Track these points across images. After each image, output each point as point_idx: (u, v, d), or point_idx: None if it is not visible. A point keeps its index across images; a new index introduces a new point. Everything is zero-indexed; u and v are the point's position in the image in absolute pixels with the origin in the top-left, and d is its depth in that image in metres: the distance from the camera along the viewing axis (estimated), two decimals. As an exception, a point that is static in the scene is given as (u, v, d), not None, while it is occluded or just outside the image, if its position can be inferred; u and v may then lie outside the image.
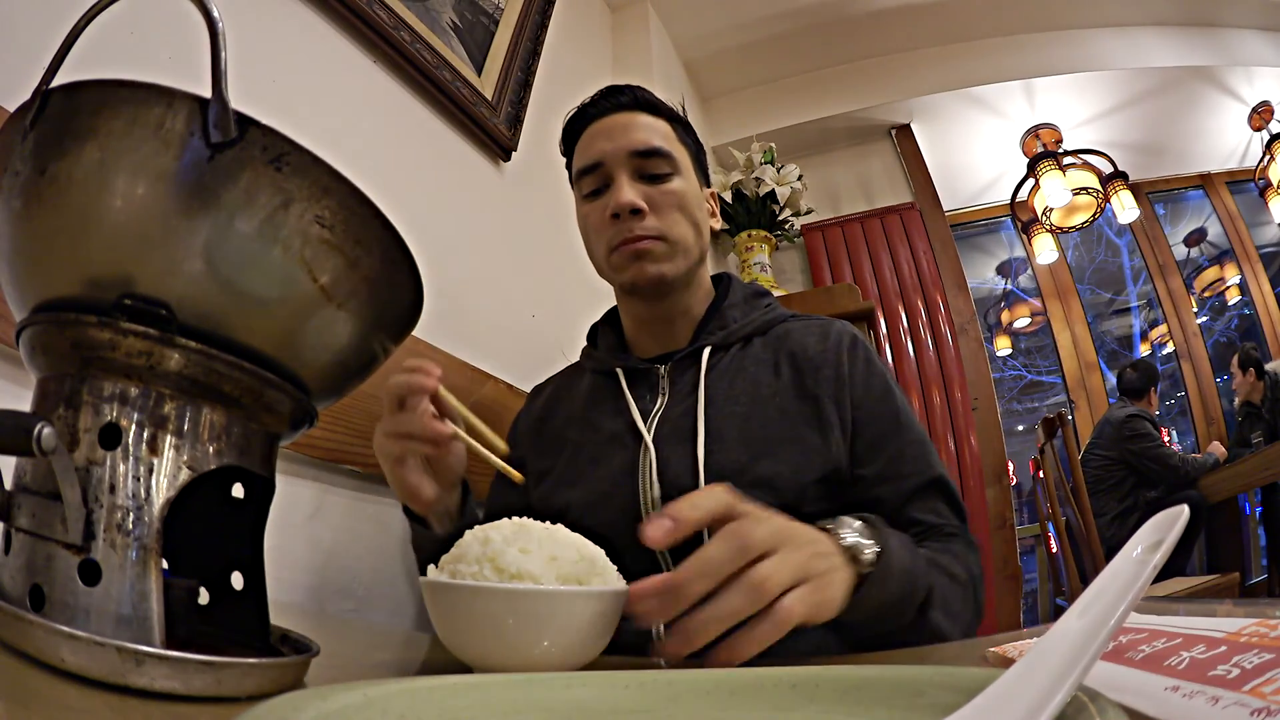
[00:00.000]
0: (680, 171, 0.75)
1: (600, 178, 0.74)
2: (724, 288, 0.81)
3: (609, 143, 0.74)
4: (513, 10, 1.45)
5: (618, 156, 0.73)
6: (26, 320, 0.32)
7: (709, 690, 0.28)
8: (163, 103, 0.29)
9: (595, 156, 0.74)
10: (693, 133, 0.81)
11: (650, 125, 0.75)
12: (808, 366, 0.70)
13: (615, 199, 0.71)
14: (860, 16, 2.48)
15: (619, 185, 0.72)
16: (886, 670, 0.27)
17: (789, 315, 0.78)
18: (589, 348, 0.85)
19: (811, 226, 2.56)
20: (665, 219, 0.72)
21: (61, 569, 0.28)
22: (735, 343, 0.75)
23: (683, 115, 0.81)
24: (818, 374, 0.70)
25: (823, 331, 0.74)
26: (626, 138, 0.73)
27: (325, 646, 0.37)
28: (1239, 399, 2.93)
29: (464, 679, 0.26)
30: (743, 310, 0.77)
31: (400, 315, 0.40)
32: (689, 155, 0.78)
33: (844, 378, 0.69)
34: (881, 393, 0.70)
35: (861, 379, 0.70)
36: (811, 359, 0.71)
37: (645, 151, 0.73)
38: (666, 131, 0.76)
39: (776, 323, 0.77)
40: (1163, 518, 0.23)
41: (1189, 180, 3.56)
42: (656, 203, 0.72)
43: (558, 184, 1.55)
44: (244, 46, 0.70)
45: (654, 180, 0.73)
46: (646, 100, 0.76)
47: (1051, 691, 0.18)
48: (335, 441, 0.82)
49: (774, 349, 0.74)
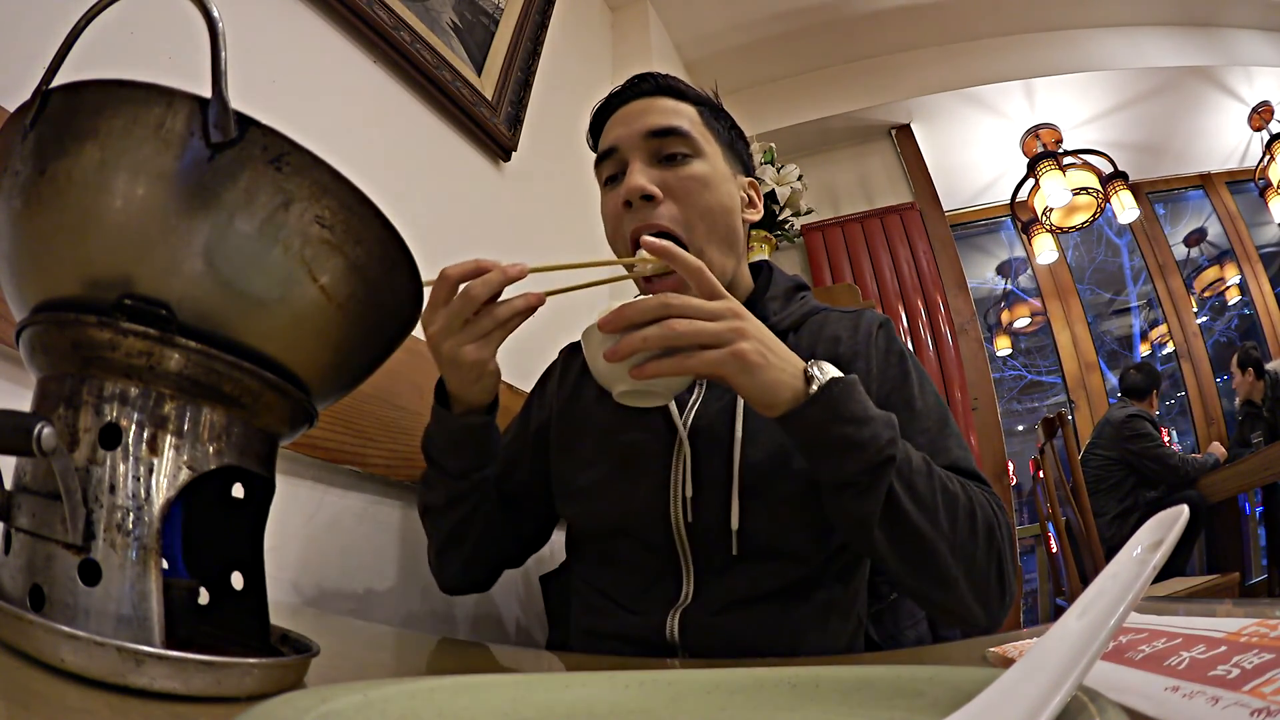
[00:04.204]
0: (703, 155, 0.71)
1: (615, 164, 0.72)
2: (764, 277, 0.78)
3: (624, 127, 0.72)
4: (513, 10, 1.45)
5: (632, 140, 0.71)
6: (26, 320, 0.32)
7: (709, 690, 0.28)
8: (163, 103, 0.29)
9: (610, 142, 0.72)
10: (728, 119, 0.78)
11: (671, 109, 0.72)
12: (841, 360, 0.68)
13: (626, 184, 0.68)
14: (860, 16, 2.48)
15: (631, 170, 0.69)
16: (886, 670, 0.27)
17: (822, 308, 0.76)
18: None
19: (811, 226, 2.56)
20: (683, 206, 0.69)
21: (61, 569, 0.28)
22: None
23: (715, 100, 0.78)
24: (850, 366, 0.67)
25: (854, 323, 0.72)
26: (641, 120, 0.71)
27: (325, 646, 0.37)
28: (1239, 399, 2.93)
29: (464, 679, 0.26)
30: (782, 303, 0.75)
31: (400, 315, 0.40)
32: (719, 141, 0.74)
33: (871, 368, 0.68)
34: (897, 379, 0.68)
35: (880, 366, 0.68)
36: (843, 353, 0.69)
37: (659, 131, 0.70)
38: (691, 115, 0.73)
39: (810, 315, 0.75)
40: (1163, 518, 0.23)
41: (1189, 180, 3.57)
42: (673, 188, 0.69)
43: (558, 184, 1.56)
44: (244, 46, 0.70)
45: (671, 162, 0.70)
46: (670, 85, 0.74)
47: (1051, 691, 0.18)
48: (335, 441, 0.82)
49: (810, 344, 0.71)
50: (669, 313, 0.50)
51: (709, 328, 0.50)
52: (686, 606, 0.64)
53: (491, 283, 0.56)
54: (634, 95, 0.74)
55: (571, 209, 1.49)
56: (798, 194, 2.11)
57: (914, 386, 0.67)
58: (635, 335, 0.50)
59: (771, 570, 0.64)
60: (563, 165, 1.48)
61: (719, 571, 0.64)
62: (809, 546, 0.64)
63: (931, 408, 0.66)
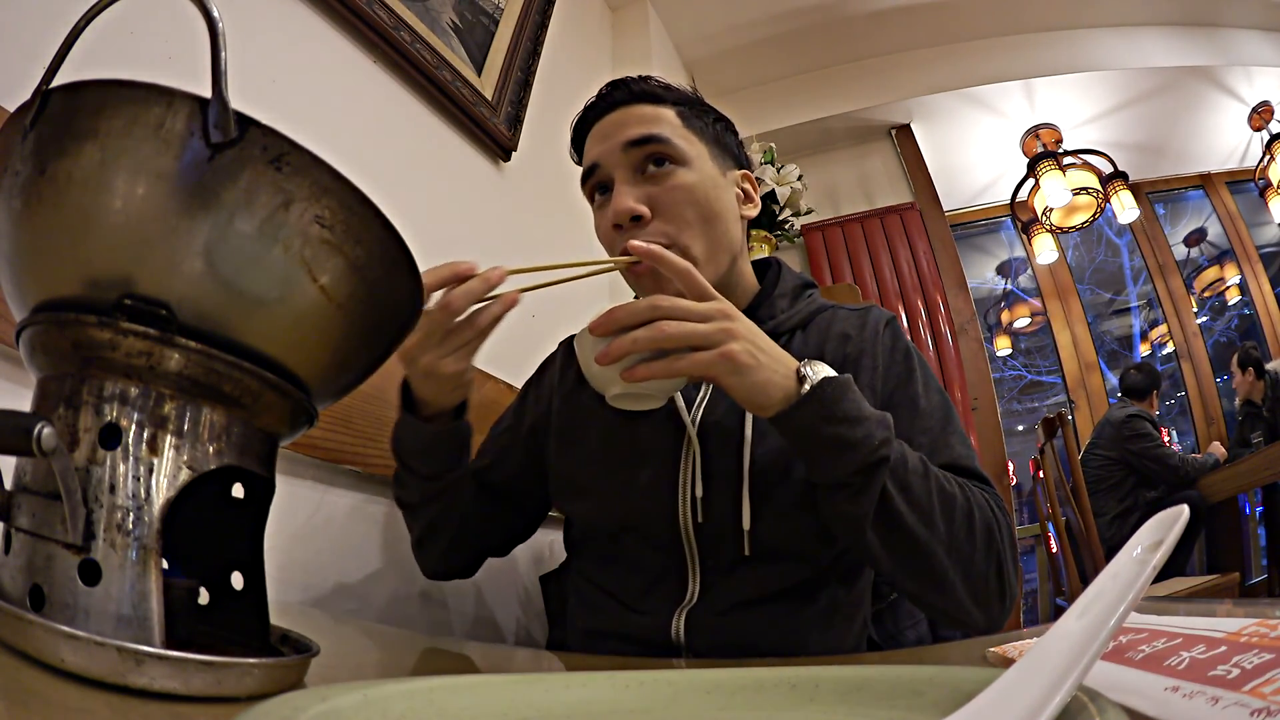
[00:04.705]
0: (687, 161, 0.68)
1: (601, 183, 0.70)
2: (773, 275, 0.77)
3: (603, 142, 0.69)
4: (513, 10, 1.45)
5: (612, 156, 0.68)
6: (26, 320, 0.32)
7: (709, 690, 0.28)
8: (163, 103, 0.29)
9: (591, 159, 0.70)
10: (712, 113, 0.75)
11: (650, 115, 0.69)
12: (848, 359, 0.68)
13: (613, 206, 0.66)
14: (860, 16, 2.49)
15: (617, 191, 0.67)
16: (886, 670, 0.27)
17: (829, 305, 0.75)
18: None
19: (811, 226, 2.56)
20: (674, 222, 0.66)
21: (61, 569, 0.28)
22: (782, 335, 0.71)
23: (694, 95, 0.75)
24: (857, 364, 0.67)
25: (861, 320, 0.72)
26: (620, 134, 0.68)
27: (325, 646, 0.37)
28: (1239, 399, 2.93)
29: (464, 679, 0.26)
30: (790, 301, 0.74)
31: (400, 315, 0.40)
32: (704, 139, 0.71)
33: (877, 365, 0.67)
34: (902, 376, 0.67)
35: (886, 363, 0.68)
36: (850, 351, 0.69)
37: (639, 140, 0.67)
38: (671, 119, 0.70)
39: (818, 313, 0.74)
40: (1163, 518, 0.23)
41: (1189, 180, 3.57)
42: (662, 204, 0.66)
43: (558, 184, 1.56)
44: (244, 46, 0.71)
45: (659, 167, 0.67)
46: (645, 90, 0.71)
47: (1051, 691, 0.18)
48: (335, 442, 0.82)
49: (817, 342, 0.71)
50: (659, 314, 0.51)
51: (698, 329, 0.51)
52: (692, 606, 0.63)
53: (473, 292, 0.53)
54: (608, 107, 0.71)
55: (571, 209, 1.49)
56: (798, 194, 2.11)
57: (918, 384, 0.67)
58: (625, 338, 0.50)
59: (779, 571, 0.63)
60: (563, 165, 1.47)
61: (726, 572, 0.64)
62: (816, 547, 0.63)
63: (935, 405, 0.66)
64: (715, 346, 0.50)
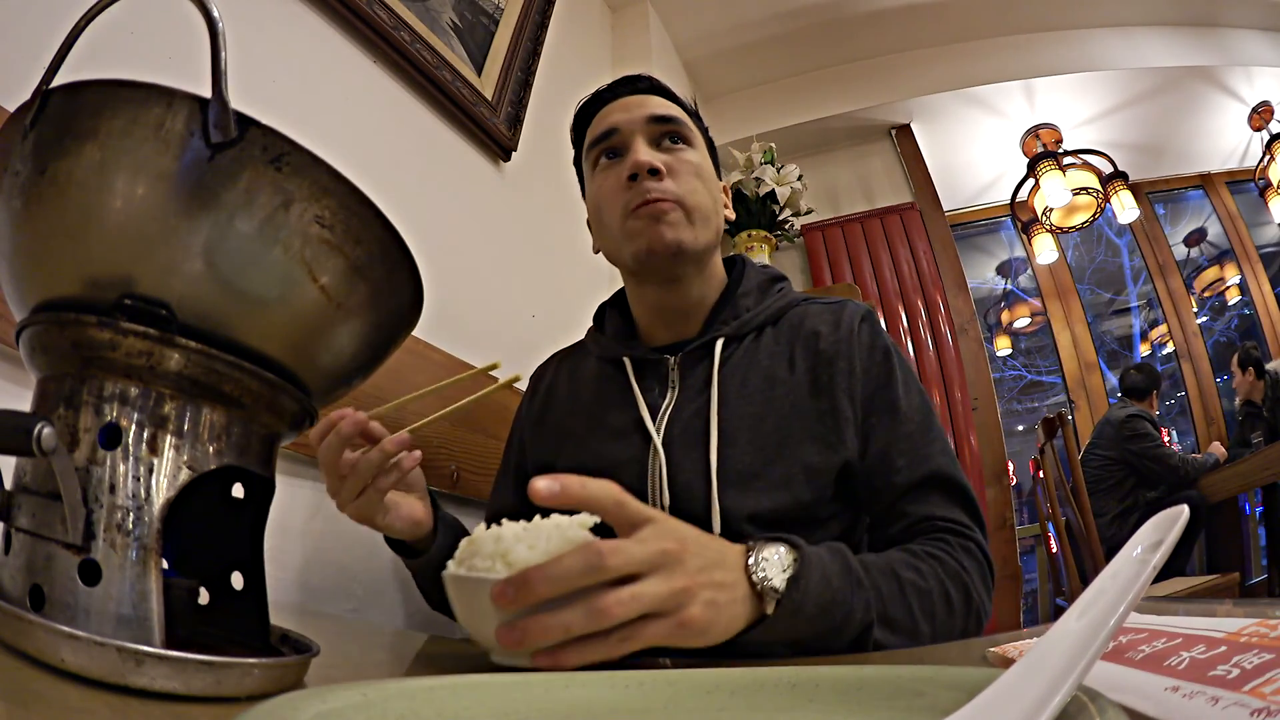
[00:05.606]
0: (696, 146, 0.74)
1: (614, 143, 0.73)
2: (737, 273, 0.78)
3: (626, 113, 0.73)
4: (513, 10, 1.45)
5: (634, 123, 0.72)
6: (26, 320, 0.32)
7: (709, 690, 0.28)
8: (163, 103, 0.29)
9: (610, 124, 0.73)
10: (706, 129, 0.80)
11: (667, 105, 0.75)
12: (821, 358, 0.68)
13: (633, 158, 0.69)
14: (860, 16, 2.48)
15: (636, 148, 0.71)
16: (886, 670, 0.27)
17: (802, 299, 0.75)
18: (595, 331, 0.81)
19: (811, 226, 2.56)
20: (684, 184, 0.70)
21: (61, 569, 0.28)
22: (749, 333, 0.71)
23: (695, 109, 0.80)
24: (832, 366, 0.67)
25: (835, 317, 0.71)
26: (642, 108, 0.73)
27: (325, 646, 0.37)
28: (1239, 398, 2.93)
29: (463, 679, 0.26)
30: (756, 298, 0.74)
31: (400, 315, 0.40)
32: (703, 143, 0.78)
33: (854, 368, 0.67)
34: (882, 379, 0.67)
35: (864, 365, 0.67)
36: (825, 350, 0.68)
37: (662, 118, 0.72)
38: (682, 115, 0.75)
39: (789, 308, 0.74)
40: (1163, 518, 0.23)
41: (1189, 180, 3.56)
42: (675, 168, 0.70)
43: (558, 184, 1.56)
44: (244, 46, 0.70)
45: (674, 143, 0.73)
46: (662, 87, 0.77)
47: (1051, 691, 0.18)
48: (335, 441, 0.82)
49: (788, 338, 0.70)
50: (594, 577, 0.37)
51: (647, 595, 0.38)
52: None
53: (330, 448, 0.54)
54: (629, 91, 0.76)
55: (571, 208, 1.49)
56: (798, 194, 2.11)
57: (899, 385, 0.66)
58: (551, 622, 0.36)
59: None
60: (563, 165, 1.47)
61: None
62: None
63: (915, 409, 0.65)
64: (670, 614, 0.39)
